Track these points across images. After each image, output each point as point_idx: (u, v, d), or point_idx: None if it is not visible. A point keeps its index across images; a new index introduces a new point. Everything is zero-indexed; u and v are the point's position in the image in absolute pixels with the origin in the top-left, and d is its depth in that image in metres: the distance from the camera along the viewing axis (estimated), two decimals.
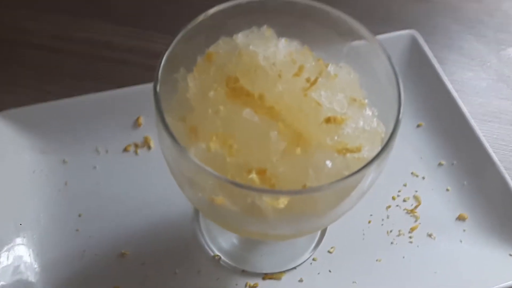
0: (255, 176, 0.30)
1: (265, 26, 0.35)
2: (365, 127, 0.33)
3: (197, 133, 0.32)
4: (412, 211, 0.47)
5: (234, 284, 0.43)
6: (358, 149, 0.32)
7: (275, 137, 0.31)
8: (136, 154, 0.49)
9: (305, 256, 0.45)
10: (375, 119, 0.34)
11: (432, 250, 0.45)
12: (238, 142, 0.31)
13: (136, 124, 0.51)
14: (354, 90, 0.35)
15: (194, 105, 0.33)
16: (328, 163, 0.31)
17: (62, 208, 0.46)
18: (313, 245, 0.45)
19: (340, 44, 0.37)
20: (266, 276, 0.44)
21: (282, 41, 0.34)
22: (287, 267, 0.44)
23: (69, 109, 0.49)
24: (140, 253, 0.44)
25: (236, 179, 0.30)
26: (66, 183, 0.47)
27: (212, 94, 0.33)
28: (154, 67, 0.33)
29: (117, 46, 0.59)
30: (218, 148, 0.31)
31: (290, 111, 0.32)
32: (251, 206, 0.31)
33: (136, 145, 0.50)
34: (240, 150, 0.31)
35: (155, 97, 0.32)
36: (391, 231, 0.46)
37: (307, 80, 0.33)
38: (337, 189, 0.31)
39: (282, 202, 0.30)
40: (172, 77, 0.35)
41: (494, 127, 0.54)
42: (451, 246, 0.46)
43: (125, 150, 0.50)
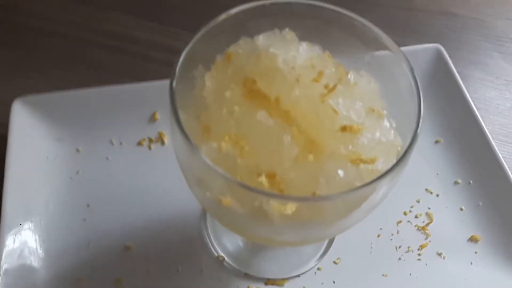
0: (265, 180, 0.30)
1: (287, 29, 0.35)
2: (382, 139, 0.33)
3: (210, 132, 0.32)
4: (423, 228, 0.46)
5: (236, 287, 0.43)
6: (372, 161, 0.31)
7: (288, 142, 0.30)
8: (150, 149, 0.49)
9: (310, 265, 0.44)
10: (393, 131, 0.34)
11: (441, 270, 0.44)
12: (250, 144, 0.31)
13: (152, 119, 0.51)
14: (373, 100, 0.34)
15: (209, 104, 0.33)
16: (340, 173, 0.31)
17: (72, 197, 0.46)
18: (319, 254, 0.45)
19: (363, 52, 0.36)
20: (269, 282, 0.43)
21: (303, 45, 0.34)
22: (291, 274, 0.44)
23: (87, 99, 0.50)
24: (145, 248, 0.44)
25: (245, 181, 0.29)
26: (78, 172, 0.48)
27: (228, 94, 0.32)
28: None
29: (140, 41, 0.59)
30: (230, 149, 0.31)
31: (306, 117, 0.31)
32: (258, 210, 0.30)
33: (150, 140, 0.50)
34: (252, 152, 0.31)
35: (171, 93, 0.32)
36: (400, 247, 0.45)
37: (326, 87, 0.32)
38: (347, 200, 0.30)
39: (290, 208, 0.29)
40: (190, 74, 0.35)
41: None
42: (461, 268, 0.45)
43: (139, 144, 0.50)
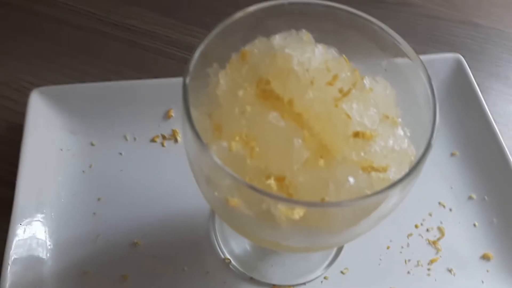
0: (273, 183, 0.29)
1: (304, 30, 0.34)
2: (395, 147, 0.32)
3: (221, 131, 0.32)
4: (434, 243, 0.45)
5: None
6: (384, 169, 0.31)
7: (299, 145, 0.30)
8: (163, 146, 0.49)
9: (317, 273, 0.44)
10: (407, 140, 0.33)
11: (450, 287, 0.43)
12: (261, 145, 0.30)
13: (167, 116, 0.51)
14: (388, 107, 0.33)
15: (222, 102, 0.33)
16: (351, 179, 0.30)
17: (83, 190, 0.46)
18: (327, 263, 0.44)
19: (380, 58, 0.35)
20: (274, 287, 0.43)
21: (320, 48, 0.33)
22: (297, 282, 0.43)
23: (104, 93, 0.50)
24: (152, 245, 0.44)
25: (254, 183, 0.29)
26: (91, 166, 0.48)
27: (241, 93, 0.32)
28: None
29: (159, 37, 0.59)
30: (240, 149, 0.30)
31: (318, 120, 0.31)
32: (266, 213, 0.30)
33: (164, 137, 0.50)
34: (262, 154, 0.30)
35: (184, 89, 0.31)
36: (409, 261, 0.44)
37: (340, 91, 0.32)
38: (357, 208, 0.30)
39: (298, 213, 0.29)
40: (205, 72, 0.34)
41: None
42: (471, 286, 0.43)
43: (152, 140, 0.50)
